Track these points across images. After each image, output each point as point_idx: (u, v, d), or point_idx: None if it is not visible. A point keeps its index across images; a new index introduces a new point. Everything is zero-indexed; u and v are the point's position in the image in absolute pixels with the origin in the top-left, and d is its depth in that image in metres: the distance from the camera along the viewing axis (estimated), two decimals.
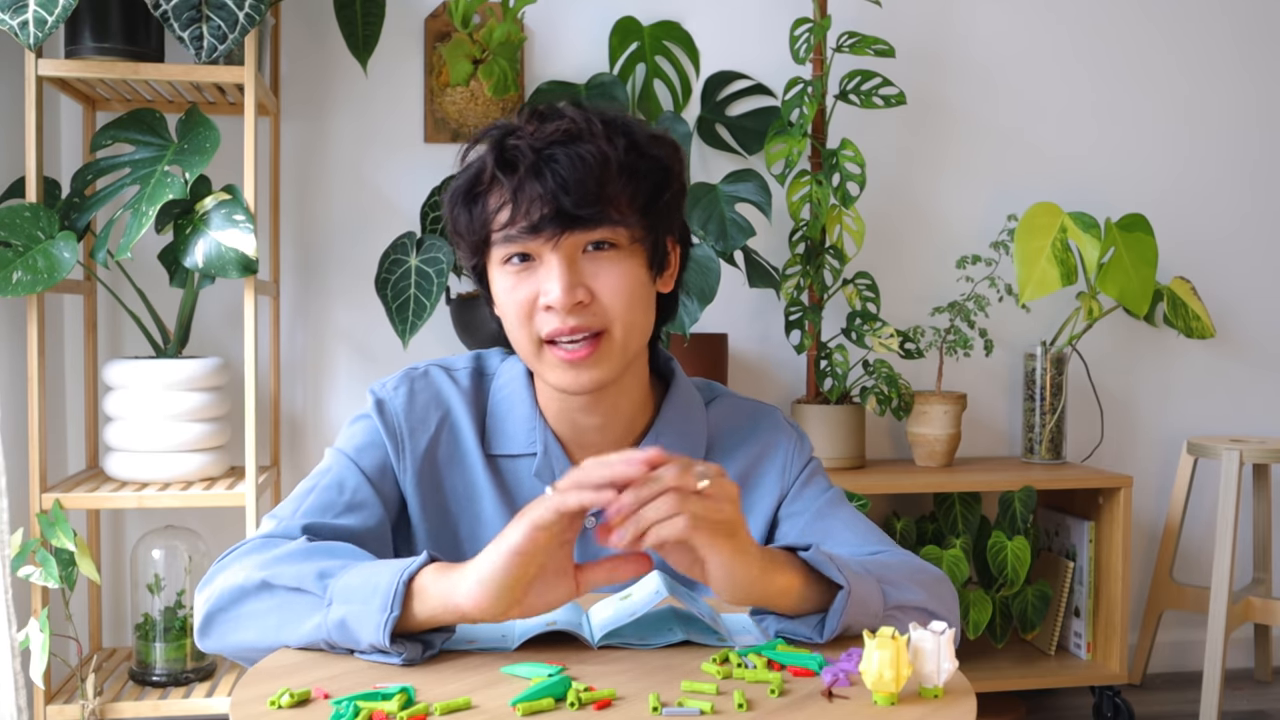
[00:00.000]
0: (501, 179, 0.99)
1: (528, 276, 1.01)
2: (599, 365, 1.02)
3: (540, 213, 0.97)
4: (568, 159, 0.97)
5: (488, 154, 1.02)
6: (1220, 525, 2.42)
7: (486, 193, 1.02)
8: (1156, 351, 2.81)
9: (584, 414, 1.09)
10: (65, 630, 2.12)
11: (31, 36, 1.83)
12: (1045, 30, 2.73)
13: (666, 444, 1.11)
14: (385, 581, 0.88)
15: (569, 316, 0.99)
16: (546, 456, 1.10)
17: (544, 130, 0.99)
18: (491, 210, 1.01)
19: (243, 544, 1.02)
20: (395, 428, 1.10)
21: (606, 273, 1.01)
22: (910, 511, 2.60)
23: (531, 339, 1.02)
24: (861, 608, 0.94)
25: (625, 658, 0.91)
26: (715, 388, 1.21)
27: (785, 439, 1.16)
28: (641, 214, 1.02)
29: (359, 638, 0.89)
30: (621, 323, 1.02)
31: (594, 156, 0.98)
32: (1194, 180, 2.81)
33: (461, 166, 1.06)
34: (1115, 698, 2.45)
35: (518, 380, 1.12)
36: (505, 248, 1.01)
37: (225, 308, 2.41)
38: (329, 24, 2.41)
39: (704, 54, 2.53)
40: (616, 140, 1.00)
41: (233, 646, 0.96)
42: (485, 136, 1.04)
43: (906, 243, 2.68)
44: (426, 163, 2.47)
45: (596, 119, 1.01)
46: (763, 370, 2.63)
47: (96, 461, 2.33)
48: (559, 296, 0.98)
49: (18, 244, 1.92)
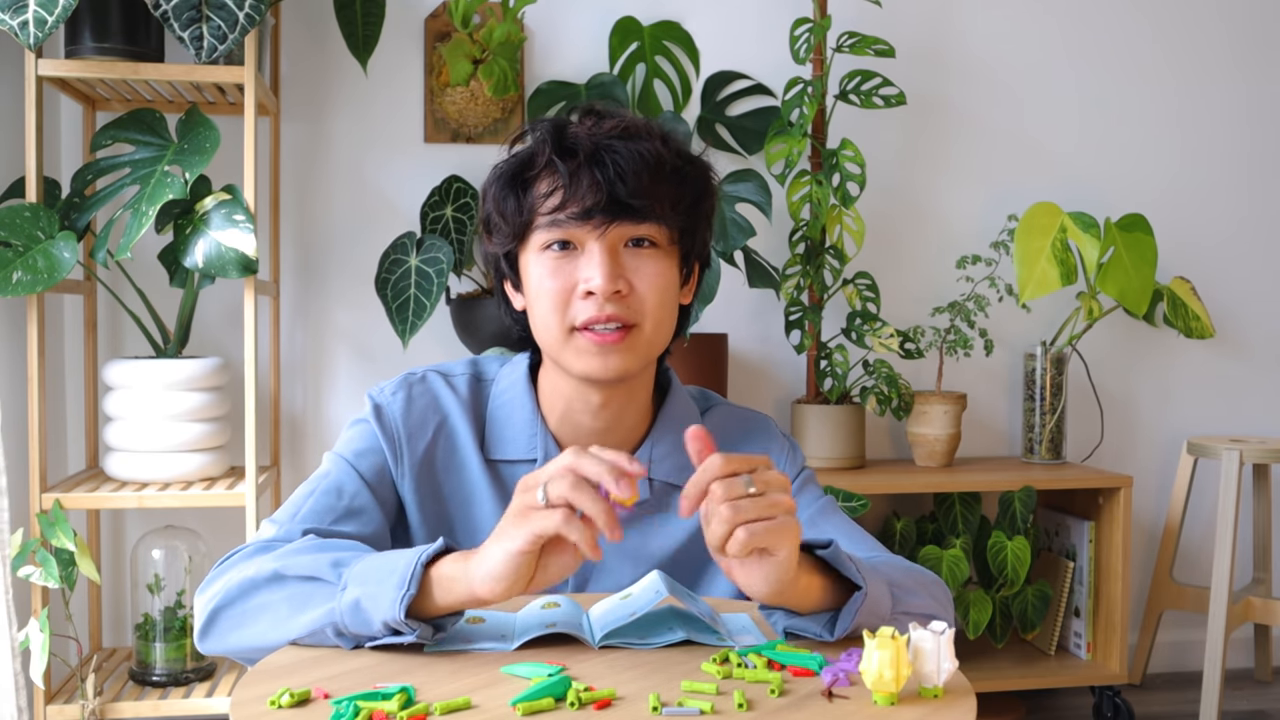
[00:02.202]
0: (558, 164, 1.02)
1: (567, 263, 1.03)
2: (626, 354, 1.04)
3: (594, 199, 1.00)
4: (626, 151, 1.01)
5: (543, 140, 1.04)
6: (1220, 525, 2.42)
7: (537, 178, 1.04)
8: (1156, 351, 2.81)
9: (590, 417, 1.10)
10: (65, 630, 2.12)
11: (31, 36, 1.83)
12: (1045, 30, 2.73)
13: (662, 452, 1.13)
14: (403, 563, 0.90)
15: (607, 304, 1.02)
16: (547, 462, 1.09)
17: (602, 125, 1.03)
18: (541, 195, 1.03)
19: (243, 548, 1.03)
20: (393, 433, 1.11)
21: (645, 268, 1.04)
22: (910, 511, 2.60)
23: (563, 325, 1.04)
24: (873, 609, 0.95)
25: (625, 658, 0.91)
26: (711, 397, 1.22)
27: (777, 449, 1.19)
28: (683, 217, 1.06)
29: (372, 619, 0.89)
30: (653, 319, 1.05)
31: (650, 154, 1.02)
32: (1194, 180, 2.81)
33: (509, 153, 1.08)
34: (1115, 698, 2.45)
35: (519, 385, 1.13)
36: (550, 232, 1.03)
37: (225, 308, 2.41)
38: (329, 24, 2.42)
39: (704, 54, 2.53)
40: (670, 144, 1.05)
41: (237, 644, 0.96)
42: (536, 126, 1.06)
43: (906, 243, 2.68)
44: (426, 163, 2.47)
45: (652, 122, 1.05)
46: (763, 370, 2.63)
47: (96, 461, 2.33)
48: (601, 283, 1.01)
49: (18, 244, 1.92)
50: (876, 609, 0.95)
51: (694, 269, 1.12)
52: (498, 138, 2.48)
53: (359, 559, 0.94)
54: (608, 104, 1.11)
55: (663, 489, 1.13)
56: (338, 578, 0.92)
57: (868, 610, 0.94)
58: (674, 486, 1.13)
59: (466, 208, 2.33)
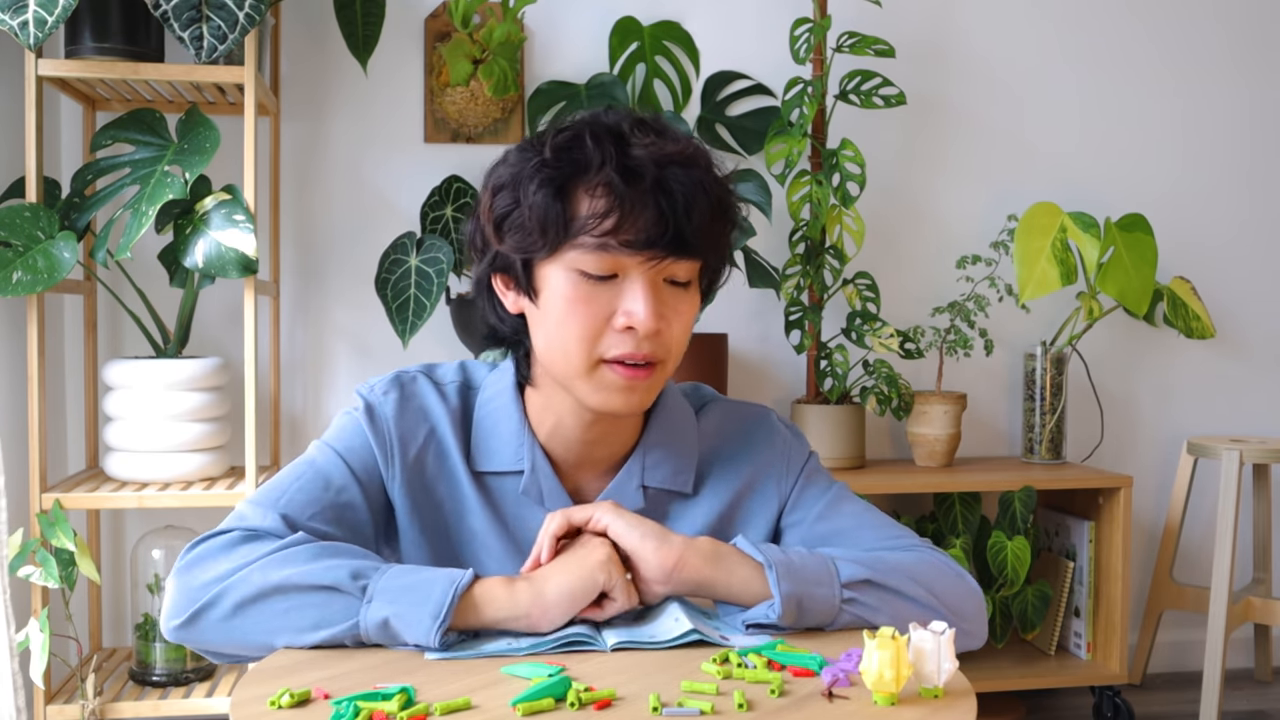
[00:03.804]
0: (618, 184, 0.94)
1: (604, 291, 0.97)
2: (649, 391, 1.02)
3: (655, 231, 0.94)
4: (689, 182, 0.96)
5: (603, 152, 0.95)
6: (1220, 525, 2.42)
7: (588, 190, 0.96)
8: (1156, 351, 2.81)
9: (582, 431, 1.07)
10: (65, 630, 2.12)
11: (31, 36, 1.83)
12: (1045, 30, 2.73)
13: (654, 461, 1.10)
14: (438, 591, 0.91)
15: (644, 342, 0.98)
16: (534, 475, 1.08)
17: (664, 148, 0.96)
18: (595, 213, 0.95)
19: (220, 533, 0.98)
20: (385, 435, 1.07)
21: (680, 305, 1.00)
22: (910, 511, 2.60)
23: (590, 356, 0.99)
24: (803, 581, 0.97)
25: (625, 658, 0.91)
26: (704, 392, 1.18)
27: (780, 442, 1.15)
28: (718, 254, 1.03)
29: (401, 637, 0.91)
30: (675, 357, 1.02)
31: (709, 187, 0.97)
32: (1194, 180, 2.81)
33: (552, 152, 0.97)
34: (1115, 698, 2.45)
35: (504, 395, 1.09)
36: (596, 256, 0.96)
37: (225, 308, 2.41)
38: (329, 24, 2.42)
39: (704, 54, 2.53)
40: (713, 171, 1.00)
41: (222, 646, 0.94)
42: (588, 128, 0.98)
43: (906, 243, 2.68)
44: (426, 163, 2.47)
45: (699, 145, 1.00)
46: (763, 370, 2.63)
47: (96, 461, 2.33)
48: (647, 321, 0.96)
49: (18, 244, 1.92)
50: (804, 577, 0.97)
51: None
52: (498, 138, 2.48)
53: (380, 572, 0.93)
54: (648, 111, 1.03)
55: (657, 495, 1.11)
56: (360, 591, 0.91)
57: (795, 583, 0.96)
58: (668, 493, 1.11)
59: (466, 208, 2.33)
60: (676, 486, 1.11)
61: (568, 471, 1.10)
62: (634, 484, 1.09)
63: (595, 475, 1.11)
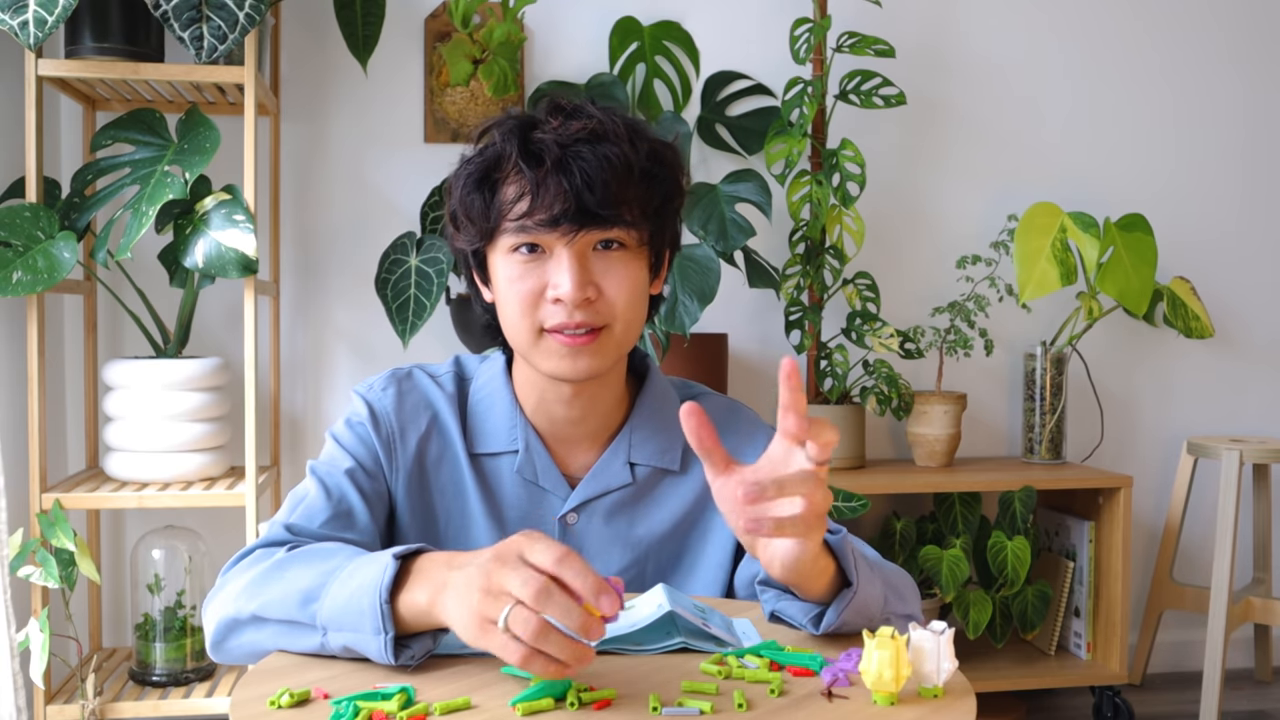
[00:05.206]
0: (525, 169, 1.00)
1: (535, 267, 1.02)
2: (596, 355, 1.04)
3: (561, 207, 0.99)
4: (594, 158, 1.00)
5: (509, 142, 1.02)
6: (1220, 525, 2.42)
7: (504, 180, 1.03)
8: (1156, 351, 2.81)
9: (564, 407, 1.11)
10: (65, 630, 2.12)
11: (31, 36, 1.83)
12: (1045, 31, 2.73)
13: (641, 438, 1.14)
14: (368, 603, 0.86)
15: (576, 311, 1.01)
16: (528, 453, 1.11)
17: (569, 127, 1.01)
18: (509, 199, 1.02)
19: (246, 552, 1.02)
20: (387, 429, 1.11)
21: (614, 272, 1.03)
22: (910, 511, 2.60)
23: (532, 328, 1.04)
24: (861, 609, 0.94)
25: (625, 658, 0.91)
26: (693, 386, 1.23)
27: (764, 435, 1.17)
28: (652, 219, 1.05)
29: (370, 656, 0.88)
30: (623, 320, 1.04)
31: (618, 159, 1.00)
32: (1193, 180, 2.81)
33: (475, 151, 1.07)
34: (1115, 698, 2.45)
35: (496, 379, 1.14)
36: (517, 236, 1.02)
37: (225, 308, 2.41)
38: (329, 24, 2.42)
39: (704, 54, 2.53)
40: (639, 145, 1.03)
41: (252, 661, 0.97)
42: (504, 124, 1.05)
43: (906, 243, 2.68)
44: (426, 163, 2.47)
45: (620, 121, 1.03)
46: (763, 370, 2.63)
47: (96, 461, 2.33)
48: (570, 291, 1.00)
49: (18, 244, 1.92)
50: (865, 609, 0.94)
51: (665, 258, 1.12)
52: None
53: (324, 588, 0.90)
54: (572, 96, 1.09)
55: (647, 473, 1.13)
56: (312, 619, 0.90)
57: (856, 609, 0.93)
58: (658, 470, 1.13)
59: None
60: (664, 464, 1.14)
61: (558, 448, 1.14)
62: (620, 460, 1.13)
63: (584, 452, 1.14)
